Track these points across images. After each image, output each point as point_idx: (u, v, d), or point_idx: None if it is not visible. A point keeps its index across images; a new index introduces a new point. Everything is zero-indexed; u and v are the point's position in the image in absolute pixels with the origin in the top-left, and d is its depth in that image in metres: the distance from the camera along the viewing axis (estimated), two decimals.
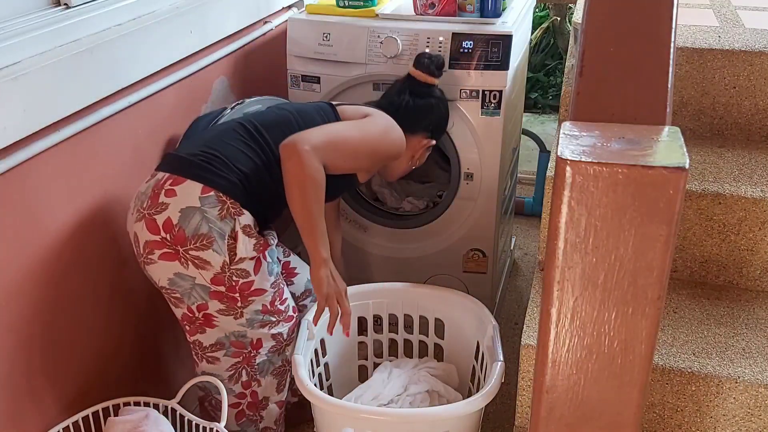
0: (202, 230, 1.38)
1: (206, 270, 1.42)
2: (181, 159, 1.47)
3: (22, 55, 1.28)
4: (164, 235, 1.39)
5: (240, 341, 1.54)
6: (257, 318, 1.52)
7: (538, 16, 4.23)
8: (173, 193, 1.39)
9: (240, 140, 1.50)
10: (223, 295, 1.45)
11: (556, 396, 0.84)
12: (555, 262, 0.76)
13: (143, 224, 1.41)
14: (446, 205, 2.00)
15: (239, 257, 1.42)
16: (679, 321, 1.55)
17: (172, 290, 1.46)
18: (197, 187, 1.40)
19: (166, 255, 1.41)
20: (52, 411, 1.46)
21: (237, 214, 1.42)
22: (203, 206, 1.38)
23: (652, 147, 0.74)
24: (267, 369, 1.61)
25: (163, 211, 1.39)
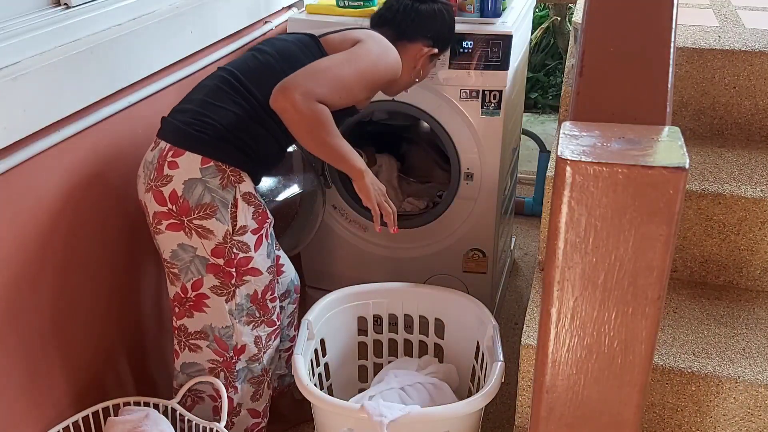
0: (205, 200, 1.41)
1: (208, 239, 1.43)
2: (177, 128, 1.45)
3: (22, 55, 1.27)
4: (171, 206, 1.42)
5: (224, 342, 1.55)
6: (245, 306, 1.52)
7: (538, 16, 4.22)
8: (176, 165, 1.41)
9: (229, 99, 1.47)
10: (219, 269, 1.46)
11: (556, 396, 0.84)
12: (555, 262, 0.76)
13: (151, 195, 1.44)
14: (446, 205, 2.00)
15: (240, 225, 1.44)
16: (679, 321, 1.55)
17: (173, 264, 1.48)
18: (197, 159, 1.41)
19: (172, 225, 1.43)
20: (52, 411, 1.46)
21: (237, 181, 1.44)
22: (204, 177, 1.41)
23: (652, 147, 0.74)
24: (245, 377, 1.61)
25: (168, 183, 1.41)
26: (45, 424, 1.44)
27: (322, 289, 1.90)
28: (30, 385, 1.40)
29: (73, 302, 1.49)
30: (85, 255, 1.51)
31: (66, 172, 1.42)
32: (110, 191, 1.56)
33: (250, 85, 1.48)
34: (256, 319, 1.56)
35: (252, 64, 1.53)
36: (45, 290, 1.41)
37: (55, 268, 1.42)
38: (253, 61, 1.54)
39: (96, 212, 1.52)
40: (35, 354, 1.40)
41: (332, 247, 2.18)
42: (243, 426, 1.67)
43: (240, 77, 1.49)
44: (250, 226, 1.46)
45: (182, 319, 1.55)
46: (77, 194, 1.46)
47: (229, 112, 1.46)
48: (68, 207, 1.44)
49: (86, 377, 1.56)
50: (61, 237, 1.43)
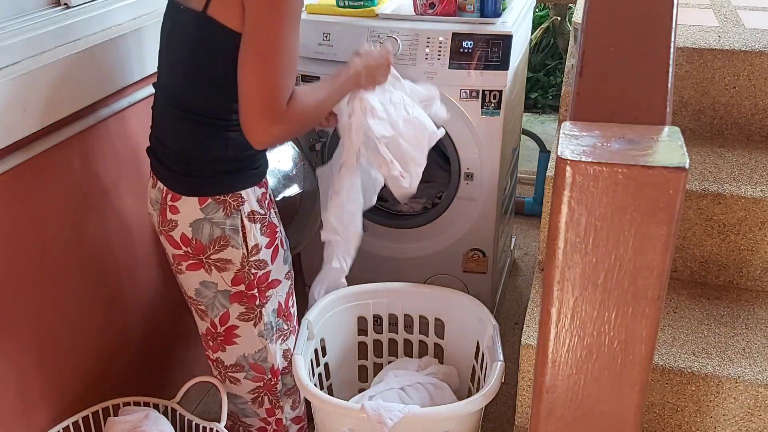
0: (216, 234, 1.38)
1: (227, 270, 1.41)
2: (168, 173, 1.39)
3: (22, 55, 1.28)
4: (186, 249, 1.40)
5: (260, 365, 1.54)
6: (274, 323, 1.51)
7: (538, 16, 4.22)
8: (176, 210, 1.38)
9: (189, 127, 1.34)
10: (242, 295, 1.45)
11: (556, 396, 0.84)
12: (555, 262, 0.76)
13: (165, 240, 1.42)
14: (446, 205, 2.00)
15: (252, 245, 1.41)
16: (679, 321, 1.55)
17: (198, 301, 1.47)
18: (193, 201, 1.37)
19: (192, 266, 1.42)
20: (52, 411, 1.46)
21: (239, 204, 1.39)
22: (207, 215, 1.37)
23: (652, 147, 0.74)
24: (282, 392, 1.61)
25: (175, 228, 1.39)
26: (45, 423, 1.44)
27: None
28: (30, 385, 1.40)
29: (73, 302, 1.49)
30: (85, 255, 1.51)
31: (66, 172, 1.42)
32: (110, 191, 1.55)
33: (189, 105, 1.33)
34: (285, 331, 1.56)
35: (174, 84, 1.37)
36: (45, 290, 1.41)
37: (55, 268, 1.42)
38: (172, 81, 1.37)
39: (96, 212, 1.52)
40: (36, 354, 1.40)
41: None
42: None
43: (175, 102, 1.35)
44: (262, 242, 1.43)
45: (217, 352, 1.54)
46: (77, 194, 1.46)
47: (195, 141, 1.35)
48: (68, 207, 1.44)
49: (86, 377, 1.56)
50: (61, 237, 1.43)
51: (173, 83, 1.36)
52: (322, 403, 1.47)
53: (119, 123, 1.54)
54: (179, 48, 1.34)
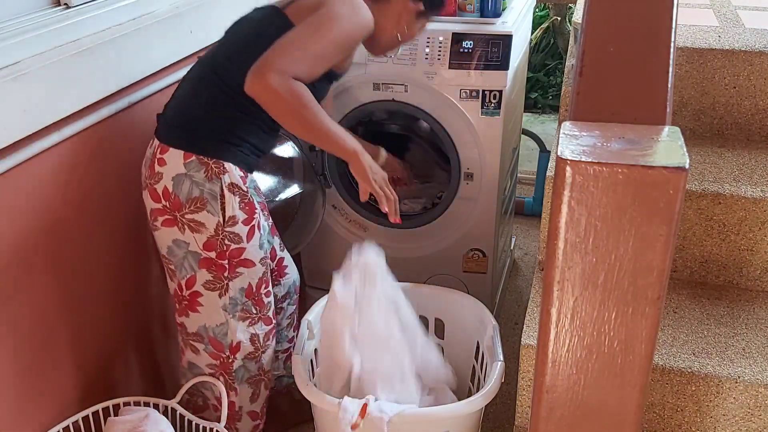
0: (194, 194, 1.43)
1: (200, 233, 1.45)
2: (164, 123, 1.48)
3: (22, 55, 1.27)
4: (164, 203, 1.44)
5: (219, 341, 1.55)
6: (240, 300, 1.52)
7: (538, 16, 4.22)
8: (163, 162, 1.44)
9: (203, 89, 1.46)
10: (212, 262, 1.47)
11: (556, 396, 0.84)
12: (555, 262, 0.76)
13: (147, 193, 1.47)
14: (446, 205, 2.00)
15: (229, 216, 1.45)
16: (679, 321, 1.55)
17: (169, 260, 1.50)
18: (179, 154, 1.43)
19: (167, 221, 1.46)
20: (52, 411, 1.46)
21: (221, 173, 1.44)
22: (189, 171, 1.42)
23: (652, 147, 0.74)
24: (242, 377, 1.61)
25: (160, 181, 1.44)
26: (45, 423, 1.44)
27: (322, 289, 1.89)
28: (30, 385, 1.40)
29: (73, 302, 1.49)
30: (85, 255, 1.51)
31: (66, 172, 1.42)
32: (110, 191, 1.55)
33: (221, 71, 1.45)
34: (252, 315, 1.56)
35: (221, 49, 1.51)
36: (45, 290, 1.41)
37: (55, 269, 1.42)
38: (220, 47, 1.52)
39: (96, 212, 1.52)
40: (35, 354, 1.40)
41: (332, 247, 2.18)
42: (245, 430, 1.67)
43: (210, 64, 1.49)
44: (240, 216, 1.47)
45: (182, 317, 1.56)
46: (77, 194, 1.46)
47: (204, 102, 1.46)
48: (68, 207, 1.44)
49: (86, 377, 1.56)
50: (61, 237, 1.43)
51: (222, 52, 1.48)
52: (322, 403, 1.47)
53: (119, 123, 1.54)
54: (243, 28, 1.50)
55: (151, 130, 1.57)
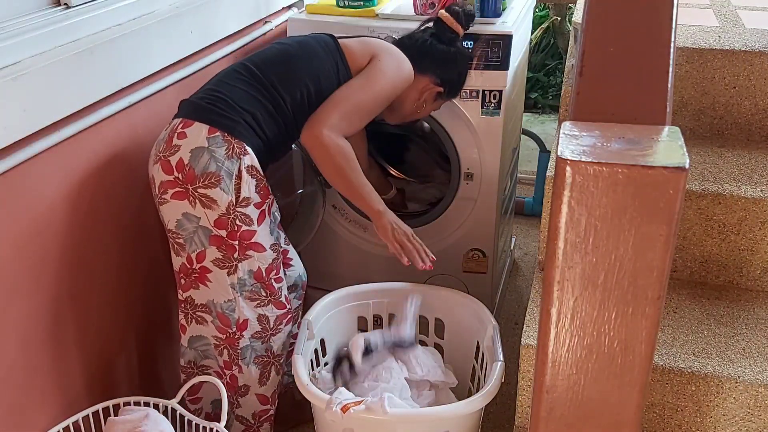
0: (210, 168, 1.44)
1: (212, 209, 1.45)
2: (190, 103, 1.53)
3: (22, 55, 1.27)
4: (177, 175, 1.45)
5: (226, 317, 1.55)
6: (248, 282, 1.53)
7: (538, 16, 4.22)
8: (184, 136, 1.46)
9: (243, 81, 1.54)
10: (222, 240, 1.48)
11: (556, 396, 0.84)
12: (555, 262, 0.76)
13: (159, 166, 1.47)
14: (446, 205, 2.00)
15: (243, 197, 1.47)
16: (679, 321, 1.55)
17: (177, 234, 1.50)
18: (204, 128, 1.46)
19: (178, 194, 1.46)
20: (52, 410, 1.46)
21: (242, 153, 1.47)
22: (210, 146, 1.44)
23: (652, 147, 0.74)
24: (249, 356, 1.61)
25: (176, 153, 1.45)
26: (45, 423, 1.44)
27: (322, 289, 1.90)
28: (30, 385, 1.40)
29: (72, 302, 1.49)
30: (85, 255, 1.51)
31: (66, 172, 1.42)
32: (110, 191, 1.56)
33: (265, 68, 1.55)
34: (262, 297, 1.57)
35: (269, 53, 1.62)
36: (45, 291, 1.41)
37: (55, 269, 1.42)
38: (270, 51, 1.62)
39: (96, 212, 1.52)
40: (36, 353, 1.40)
41: (332, 247, 2.18)
42: (251, 410, 1.67)
43: (257, 62, 1.57)
44: (254, 198, 1.49)
45: (188, 291, 1.56)
46: (78, 194, 1.46)
47: (242, 91, 1.52)
48: (68, 207, 1.44)
49: (86, 377, 1.56)
50: (61, 238, 1.43)
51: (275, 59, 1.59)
52: (322, 403, 1.47)
53: (120, 123, 1.54)
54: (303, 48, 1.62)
55: (152, 131, 1.57)
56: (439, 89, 1.75)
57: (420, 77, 1.71)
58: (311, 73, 1.57)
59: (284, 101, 1.53)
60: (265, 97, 1.52)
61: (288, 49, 1.61)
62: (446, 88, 1.77)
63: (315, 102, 1.56)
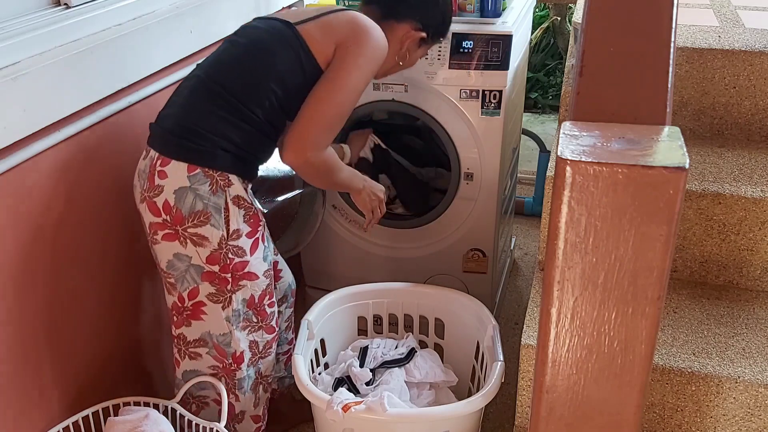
0: (197, 207, 1.39)
1: (203, 247, 1.42)
2: (164, 136, 1.43)
3: (22, 55, 1.27)
4: (165, 217, 1.41)
5: (223, 348, 1.54)
6: (242, 312, 1.51)
7: (538, 16, 4.22)
8: (164, 175, 1.40)
9: (207, 101, 1.43)
10: (215, 276, 1.45)
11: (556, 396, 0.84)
12: (555, 262, 0.76)
13: (146, 206, 1.44)
14: (446, 205, 2.00)
15: (233, 229, 1.43)
16: (679, 321, 1.55)
17: (169, 273, 1.47)
18: (183, 167, 1.39)
19: (168, 236, 1.43)
20: (52, 411, 1.46)
21: (226, 185, 1.42)
22: (193, 185, 1.39)
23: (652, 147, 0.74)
24: (247, 385, 1.61)
25: (160, 194, 1.40)
26: (45, 423, 1.44)
27: (322, 289, 1.90)
28: (30, 385, 1.40)
29: (73, 302, 1.49)
30: (85, 255, 1.51)
31: (66, 172, 1.42)
32: (110, 191, 1.56)
33: (227, 84, 1.43)
34: (253, 324, 1.56)
35: (225, 59, 1.48)
36: (45, 290, 1.41)
37: (54, 269, 1.42)
38: (226, 56, 1.49)
39: (96, 212, 1.52)
40: (35, 354, 1.40)
41: (332, 247, 2.18)
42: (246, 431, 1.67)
43: (215, 76, 1.45)
44: (244, 229, 1.44)
45: (180, 327, 1.54)
46: (77, 194, 1.46)
47: (209, 113, 1.42)
48: (68, 207, 1.44)
49: (86, 377, 1.56)
50: (61, 237, 1.43)
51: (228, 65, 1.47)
52: (322, 402, 1.47)
53: (119, 123, 1.54)
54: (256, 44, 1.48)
55: None
56: (421, 35, 1.61)
57: (397, 26, 1.58)
58: (275, 76, 1.44)
59: (255, 114, 1.43)
60: (234, 115, 1.42)
61: (243, 56, 1.47)
62: (429, 32, 1.63)
63: (286, 103, 1.45)
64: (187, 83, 1.49)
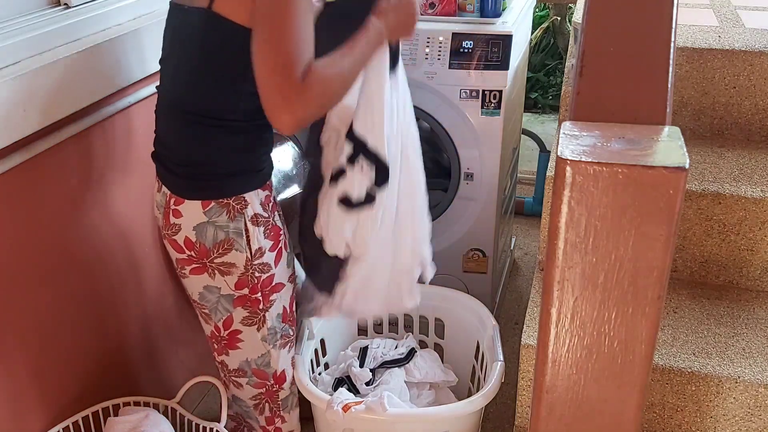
0: (219, 238, 1.37)
1: (231, 275, 1.40)
2: (171, 176, 1.38)
3: (22, 55, 1.28)
4: (189, 253, 1.39)
5: (263, 371, 1.52)
6: (278, 327, 1.50)
7: (538, 16, 4.22)
8: (179, 214, 1.37)
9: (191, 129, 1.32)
10: (246, 299, 1.43)
11: (556, 396, 0.84)
12: (555, 262, 0.76)
13: (169, 244, 1.42)
14: (446, 205, 2.00)
15: (256, 248, 1.40)
16: (679, 321, 1.55)
17: (202, 305, 1.46)
18: (197, 204, 1.35)
19: (196, 269, 1.41)
20: (52, 411, 1.46)
21: (243, 207, 1.37)
22: (211, 218, 1.36)
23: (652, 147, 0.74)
24: (291, 403, 1.60)
25: (179, 232, 1.38)
26: (45, 423, 1.44)
27: None
28: (30, 385, 1.40)
29: (73, 302, 1.49)
30: (85, 255, 1.51)
31: (66, 172, 1.42)
32: (110, 191, 1.55)
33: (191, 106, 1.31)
34: (291, 338, 1.55)
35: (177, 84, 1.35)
36: (45, 290, 1.41)
37: (55, 268, 1.42)
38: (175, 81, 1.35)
39: (96, 212, 1.52)
40: (35, 354, 1.40)
41: None
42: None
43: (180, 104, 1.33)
44: (266, 245, 1.42)
45: (222, 355, 1.53)
46: (77, 194, 1.46)
47: (199, 144, 1.34)
48: (68, 207, 1.44)
49: (86, 377, 1.56)
50: (61, 237, 1.43)
51: (177, 85, 1.33)
52: (322, 402, 1.47)
53: (119, 123, 1.54)
54: (184, 48, 1.31)
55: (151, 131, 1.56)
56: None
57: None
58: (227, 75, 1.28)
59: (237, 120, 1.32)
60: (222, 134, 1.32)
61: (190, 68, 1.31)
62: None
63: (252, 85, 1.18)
64: (163, 112, 1.39)
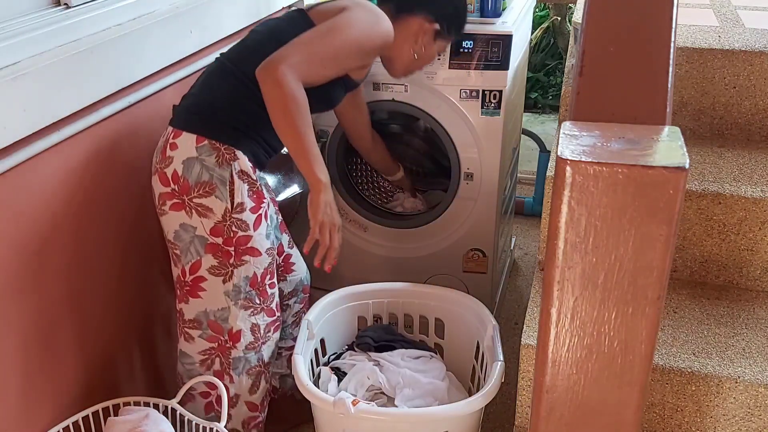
0: (203, 178, 1.44)
1: (208, 218, 1.46)
2: (178, 110, 1.52)
3: (22, 55, 1.27)
4: (173, 186, 1.46)
5: (219, 324, 1.55)
6: (243, 289, 1.52)
7: (538, 16, 4.23)
8: (175, 146, 1.46)
9: (223, 80, 1.51)
10: (218, 248, 1.48)
11: (556, 396, 0.84)
12: (555, 262, 0.76)
13: (157, 177, 1.49)
14: (446, 205, 2.00)
15: (237, 202, 1.46)
16: (679, 321, 1.55)
17: (175, 244, 1.51)
18: (192, 138, 1.45)
19: (175, 205, 1.47)
20: (52, 411, 1.46)
21: (232, 159, 1.46)
22: (201, 156, 1.44)
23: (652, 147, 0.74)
24: (242, 367, 1.61)
25: (170, 164, 1.46)
26: (45, 423, 1.44)
27: (322, 289, 1.90)
28: (31, 385, 1.40)
29: (72, 302, 1.49)
30: (85, 255, 1.51)
31: (66, 172, 1.42)
32: (111, 190, 1.56)
33: (242, 65, 1.50)
34: (255, 305, 1.56)
35: (244, 45, 1.57)
36: (45, 290, 1.41)
37: (55, 269, 1.42)
38: (246, 42, 1.58)
39: (97, 212, 1.52)
40: (36, 353, 1.40)
41: None
42: (240, 418, 1.67)
43: (233, 58, 1.53)
44: (248, 204, 1.48)
45: (181, 303, 1.57)
46: (77, 194, 1.46)
47: (224, 92, 1.50)
48: (69, 207, 1.44)
49: (86, 377, 1.56)
50: (62, 237, 1.43)
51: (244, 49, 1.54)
52: (322, 403, 1.47)
53: (119, 123, 1.54)
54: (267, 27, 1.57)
55: (151, 131, 1.57)
56: (434, 27, 1.62)
57: (411, 19, 1.60)
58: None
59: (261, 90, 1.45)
60: (245, 94, 1.47)
61: (260, 39, 1.54)
62: (444, 25, 1.64)
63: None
64: (209, 67, 1.57)
